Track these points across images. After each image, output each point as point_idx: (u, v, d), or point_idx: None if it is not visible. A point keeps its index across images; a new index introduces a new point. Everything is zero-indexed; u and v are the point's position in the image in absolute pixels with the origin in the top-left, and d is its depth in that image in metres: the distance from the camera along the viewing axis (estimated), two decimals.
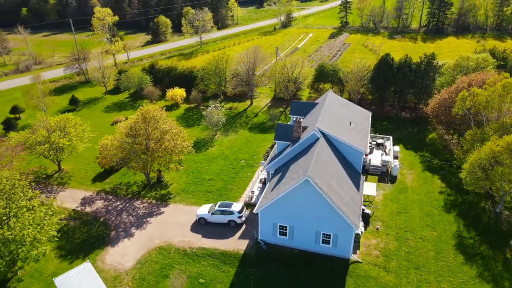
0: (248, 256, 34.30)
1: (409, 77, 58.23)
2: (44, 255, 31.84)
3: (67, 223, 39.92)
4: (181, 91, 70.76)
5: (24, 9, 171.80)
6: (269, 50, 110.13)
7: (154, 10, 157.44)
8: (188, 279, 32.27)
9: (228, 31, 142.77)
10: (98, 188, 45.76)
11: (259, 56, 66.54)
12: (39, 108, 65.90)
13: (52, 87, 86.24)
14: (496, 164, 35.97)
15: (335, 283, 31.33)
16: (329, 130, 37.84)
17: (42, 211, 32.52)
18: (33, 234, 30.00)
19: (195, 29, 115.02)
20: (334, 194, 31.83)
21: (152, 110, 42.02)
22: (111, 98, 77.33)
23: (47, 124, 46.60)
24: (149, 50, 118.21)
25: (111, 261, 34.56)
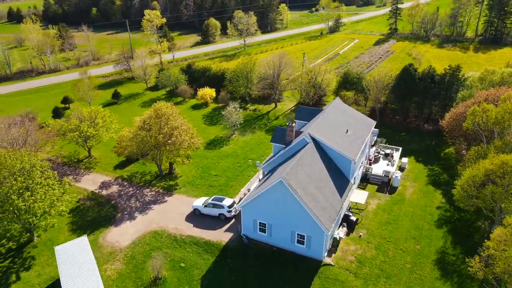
0: (229, 248, 36.89)
1: (432, 88, 56.95)
2: (52, 227, 37.05)
3: (84, 202, 45.33)
4: (210, 91, 74.90)
5: (94, 9, 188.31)
6: (310, 55, 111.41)
7: (207, 12, 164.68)
8: (170, 262, 35.62)
9: (275, 35, 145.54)
10: (117, 175, 50.92)
11: (285, 61, 68.37)
12: (84, 100, 73.73)
13: (103, 81, 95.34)
14: (490, 182, 35.08)
15: (303, 282, 32.85)
16: (321, 136, 39.19)
17: (56, 189, 37.65)
18: (43, 207, 35.09)
19: (239, 32, 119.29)
20: (309, 197, 33.35)
21: (164, 107, 46.11)
22: (150, 94, 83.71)
23: (80, 114, 52.76)
24: (195, 51, 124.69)
25: (111, 239, 38.98)
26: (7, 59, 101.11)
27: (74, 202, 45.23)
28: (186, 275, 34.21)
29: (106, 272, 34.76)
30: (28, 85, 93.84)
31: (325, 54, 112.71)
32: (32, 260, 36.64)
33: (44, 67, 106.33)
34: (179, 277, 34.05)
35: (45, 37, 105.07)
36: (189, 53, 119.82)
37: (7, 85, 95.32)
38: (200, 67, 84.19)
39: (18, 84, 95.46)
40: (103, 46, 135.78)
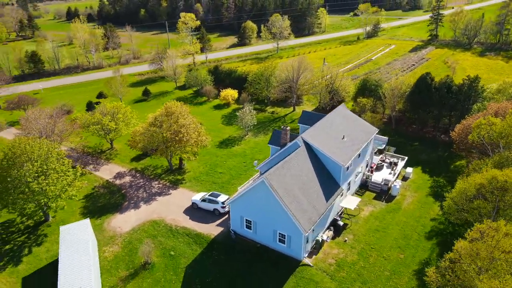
0: (217, 241, 39.08)
1: (447, 99, 55.68)
2: (62, 209, 41.25)
3: (98, 190, 49.55)
4: (233, 92, 77.59)
5: (142, 10, 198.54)
6: (341, 60, 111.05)
7: (247, 15, 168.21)
8: (162, 250, 38.42)
9: (311, 39, 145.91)
10: (132, 167, 54.88)
11: (303, 66, 69.38)
12: (116, 96, 79.28)
13: (139, 79, 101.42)
14: (481, 197, 34.48)
15: (279, 278, 34.24)
16: (314, 140, 40.26)
17: (69, 176, 41.81)
18: (55, 190, 39.24)
19: (272, 35, 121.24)
20: (291, 198, 34.70)
21: (174, 106, 49.22)
22: (178, 93, 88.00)
23: (104, 109, 57.39)
24: (229, 52, 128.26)
25: (114, 224, 42.58)
26: (56, 55, 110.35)
27: (89, 189, 49.78)
28: (174, 263, 36.81)
29: (104, 254, 38.26)
30: (72, 80, 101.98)
31: (356, 59, 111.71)
32: (44, 237, 41.02)
33: (89, 64, 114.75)
34: (167, 264, 36.73)
35: (91, 36, 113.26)
36: (223, 55, 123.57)
37: (54, 79, 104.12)
38: (226, 69, 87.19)
39: (64, 79, 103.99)
40: (145, 45, 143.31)
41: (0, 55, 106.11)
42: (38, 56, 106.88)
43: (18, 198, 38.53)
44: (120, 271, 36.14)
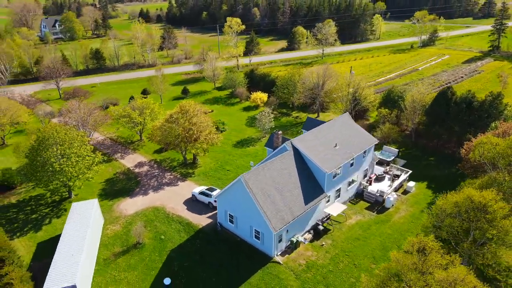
0: (203, 231, 42.50)
1: (466, 115, 53.59)
2: (79, 188, 47.43)
3: (118, 175, 55.51)
4: (262, 95, 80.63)
5: (204, 13, 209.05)
6: (385, 69, 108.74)
7: (301, 20, 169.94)
8: (155, 233, 42.72)
9: (361, 46, 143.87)
10: (152, 158, 60.34)
11: (328, 73, 70.24)
12: (156, 93, 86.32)
13: (184, 78, 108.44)
14: (458, 216, 34.00)
15: (248, 271, 36.67)
16: (302, 146, 41.98)
17: (89, 160, 47.89)
18: (73, 171, 45.36)
19: (318, 41, 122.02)
20: (266, 197, 37.00)
21: (188, 105, 53.54)
22: (215, 93, 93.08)
23: (135, 104, 63.70)
24: (275, 56, 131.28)
25: (122, 207, 47.88)
26: (116, 53, 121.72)
27: (111, 174, 55.97)
28: (161, 246, 40.88)
29: (107, 231, 43.51)
30: (126, 76, 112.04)
31: (401, 69, 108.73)
32: (64, 211, 47.41)
33: (144, 62, 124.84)
34: (155, 246, 40.90)
35: (148, 36, 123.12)
36: (268, 59, 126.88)
37: (112, 74, 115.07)
38: (261, 72, 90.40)
39: (120, 75, 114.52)
40: (200, 46, 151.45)
41: (70, 51, 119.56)
42: (101, 53, 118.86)
43: (44, 176, 45.20)
44: (116, 247, 41.03)
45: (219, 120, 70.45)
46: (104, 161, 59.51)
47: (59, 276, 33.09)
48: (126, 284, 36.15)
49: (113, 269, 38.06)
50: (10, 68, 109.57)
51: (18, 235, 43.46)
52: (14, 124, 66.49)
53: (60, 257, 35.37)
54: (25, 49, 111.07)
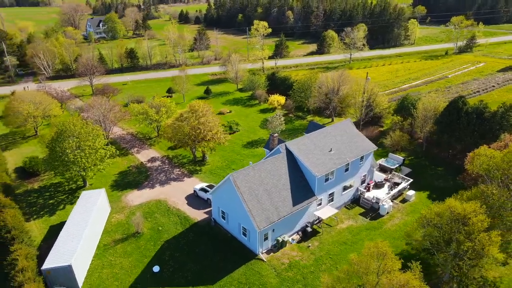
0: (197, 225, 44.75)
1: (476, 126, 52.23)
2: (91, 178, 51.22)
3: (131, 169, 59.11)
4: (279, 98, 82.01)
5: (240, 15, 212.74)
6: (412, 75, 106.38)
7: (334, 24, 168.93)
8: (154, 224, 45.49)
9: (392, 51, 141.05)
10: (165, 154, 63.53)
11: (343, 79, 70.38)
12: (180, 92, 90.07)
13: (210, 78, 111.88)
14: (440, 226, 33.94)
15: (232, 265, 38.40)
16: (296, 149, 43.10)
17: (102, 153, 51.63)
18: (85, 162, 49.17)
19: (346, 45, 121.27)
20: (253, 196, 38.58)
21: (197, 105, 56.09)
22: (236, 94, 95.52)
23: (153, 102, 67.30)
24: (302, 60, 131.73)
25: (129, 198, 51.19)
26: (149, 53, 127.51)
27: (125, 167, 59.70)
28: (157, 236, 43.54)
29: (112, 219, 46.85)
30: (156, 75, 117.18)
31: (430, 75, 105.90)
32: (77, 198, 51.20)
33: (175, 62, 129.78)
34: (152, 236, 43.63)
35: (179, 37, 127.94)
36: (295, 62, 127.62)
37: (144, 73, 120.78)
38: (281, 75, 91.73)
39: (151, 74, 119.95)
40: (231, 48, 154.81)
41: (107, 50, 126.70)
42: (135, 52, 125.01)
43: (60, 165, 49.38)
44: (117, 234, 44.20)
45: (233, 121, 72.69)
46: (122, 154, 63.84)
47: (58, 256, 36.49)
48: (120, 269, 39.03)
49: (111, 254, 41.14)
50: (53, 65, 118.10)
51: (34, 218, 47.80)
52: (46, 116, 72.21)
53: (62, 239, 38.87)
54: (67, 47, 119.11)
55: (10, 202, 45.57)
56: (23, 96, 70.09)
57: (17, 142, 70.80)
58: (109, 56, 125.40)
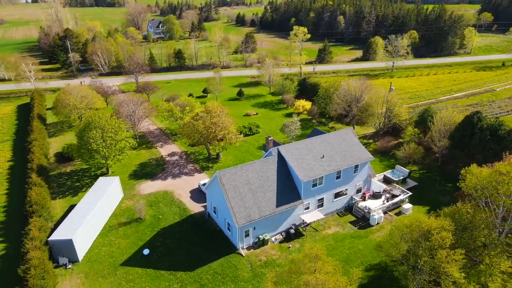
0: (193, 217, 48.25)
1: (490, 143, 50.01)
2: (110, 167, 56.99)
3: (151, 161, 64.36)
4: (305, 103, 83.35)
5: (292, 19, 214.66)
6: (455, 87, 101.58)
7: (385, 30, 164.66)
8: (155, 213, 49.81)
9: (442, 60, 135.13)
10: (185, 150, 68.09)
11: (364, 87, 70.01)
12: (213, 93, 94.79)
13: (248, 81, 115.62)
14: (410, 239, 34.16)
15: (213, 256, 41.31)
16: (288, 153, 44.88)
17: (122, 145, 57.19)
18: (106, 152, 54.91)
19: (389, 53, 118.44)
20: (236, 194, 41.18)
21: (211, 106, 59.70)
22: (268, 98, 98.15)
23: (179, 101, 72.31)
24: (343, 66, 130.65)
25: (142, 187, 56.18)
26: (196, 54, 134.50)
27: (147, 159, 65.11)
28: (156, 224, 47.72)
29: (122, 204, 51.97)
30: (198, 76, 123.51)
31: (475, 88, 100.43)
32: None
33: (219, 63, 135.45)
34: (151, 223, 47.92)
35: (224, 40, 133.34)
36: (336, 68, 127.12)
37: (188, 73, 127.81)
38: (312, 81, 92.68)
39: (194, 74, 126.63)
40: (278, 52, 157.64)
41: (158, 50, 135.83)
42: (183, 53, 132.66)
43: (85, 152, 55.68)
44: (122, 218, 49.15)
45: (253, 123, 75.55)
46: (147, 147, 69.62)
47: (63, 231, 41.91)
48: (117, 248, 43.68)
49: (113, 235, 46.05)
50: (109, 62, 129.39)
51: (60, 197, 54.42)
52: (89, 108, 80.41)
53: (70, 217, 44.43)
54: (122, 47, 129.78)
55: (40, 181, 52.64)
56: (70, 90, 78.73)
57: (63, 130, 79.75)
58: (159, 56, 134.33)
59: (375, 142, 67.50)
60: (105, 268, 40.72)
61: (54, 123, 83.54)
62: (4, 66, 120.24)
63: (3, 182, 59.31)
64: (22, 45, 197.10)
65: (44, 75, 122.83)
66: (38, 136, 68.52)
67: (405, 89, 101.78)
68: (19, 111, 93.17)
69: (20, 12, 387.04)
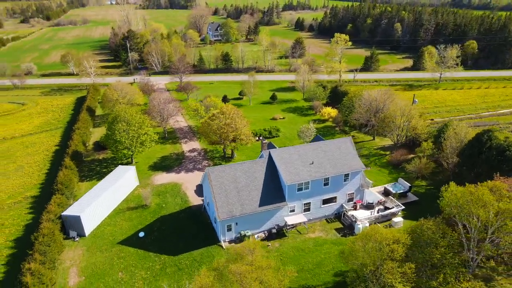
0: (191, 209, 52.51)
1: (497, 163, 47.82)
2: (135, 157, 63.48)
3: (172, 155, 69.95)
4: (331, 110, 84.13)
5: (349, 25, 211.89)
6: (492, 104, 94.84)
7: (443, 38, 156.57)
8: (161, 201, 54.83)
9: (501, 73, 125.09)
10: (205, 147, 72.76)
11: (384, 99, 69.17)
12: (247, 95, 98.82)
13: (288, 85, 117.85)
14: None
15: (198, 244, 45.09)
16: (278, 157, 47.17)
17: (143, 139, 63.29)
18: (128, 144, 61.29)
19: (437, 64, 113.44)
20: (222, 190, 44.51)
21: (226, 108, 63.54)
22: (300, 103, 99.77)
23: (206, 102, 77.33)
24: (386, 75, 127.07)
25: (156, 178, 61.73)
26: (242, 57, 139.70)
27: (168, 153, 70.89)
28: (159, 211, 52.69)
29: (135, 192, 57.81)
30: (240, 78, 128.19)
31: None
32: None
33: (264, 67, 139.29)
34: (155, 210, 52.99)
35: (270, 44, 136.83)
36: (378, 77, 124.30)
37: (232, 75, 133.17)
38: (343, 89, 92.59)
39: (239, 76, 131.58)
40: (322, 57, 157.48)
41: (207, 52, 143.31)
42: (230, 56, 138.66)
43: (111, 143, 62.61)
44: (132, 203, 54.87)
45: (274, 127, 78.13)
46: (172, 142, 75.59)
47: (75, 208, 48.38)
48: (119, 229, 49.29)
49: (119, 217, 51.84)
50: (162, 62, 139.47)
51: (87, 180, 61.84)
52: (131, 104, 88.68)
53: (84, 197, 50.97)
54: (175, 48, 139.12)
55: (71, 165, 60.43)
56: (115, 87, 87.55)
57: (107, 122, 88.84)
58: (208, 57, 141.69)
59: (392, 154, 66.59)
60: (104, 244, 46.40)
61: (101, 115, 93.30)
62: (74, 62, 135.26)
63: (46, 164, 68.60)
64: (97, 43, 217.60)
65: (103, 72, 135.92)
66: (82, 125, 77.58)
67: (446, 102, 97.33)
68: (77, 102, 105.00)
69: (104, 12, 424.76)
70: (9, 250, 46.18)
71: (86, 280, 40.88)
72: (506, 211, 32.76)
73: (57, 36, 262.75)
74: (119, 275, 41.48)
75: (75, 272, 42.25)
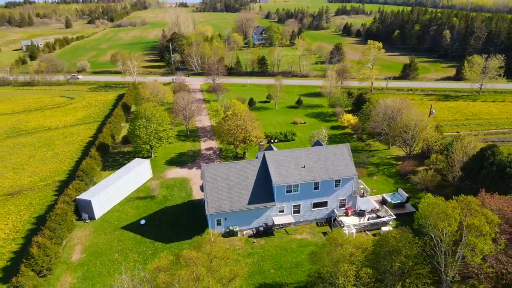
0: (192, 202, 56.13)
1: (497, 180, 46.24)
2: (155, 152, 68.58)
3: (189, 152, 74.26)
4: (351, 118, 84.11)
5: (396, 32, 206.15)
6: None
7: (495, 47, 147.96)
8: (168, 193, 59.00)
9: None
10: (221, 146, 76.24)
11: (401, 107, 68.20)
12: (273, 98, 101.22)
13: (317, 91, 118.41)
14: None
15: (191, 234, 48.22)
16: (271, 158, 49.23)
17: (160, 135, 68.11)
18: (147, 139, 66.35)
19: (477, 74, 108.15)
20: (214, 186, 47.52)
21: (238, 110, 66.50)
22: (325, 109, 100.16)
23: (227, 104, 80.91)
24: (421, 84, 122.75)
25: (169, 172, 66.17)
26: (278, 61, 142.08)
27: (186, 150, 75.31)
28: (164, 202, 56.88)
29: (148, 183, 62.53)
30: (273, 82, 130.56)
31: None
32: None
33: (299, 71, 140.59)
34: (161, 200, 57.27)
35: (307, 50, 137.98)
36: (412, 85, 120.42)
37: (266, 79, 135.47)
38: (366, 97, 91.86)
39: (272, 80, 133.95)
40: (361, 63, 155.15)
41: (245, 55, 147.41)
42: (265, 60, 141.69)
43: (132, 137, 68.10)
44: (142, 194, 59.65)
45: (291, 131, 79.82)
46: (193, 140, 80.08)
47: (88, 193, 53.87)
48: (125, 215, 54.07)
49: (127, 205, 56.72)
50: (201, 64, 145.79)
51: (109, 169, 67.77)
52: (160, 102, 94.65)
53: (99, 184, 56.43)
54: (215, 51, 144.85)
55: (95, 154, 66.70)
56: (148, 85, 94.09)
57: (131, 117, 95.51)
58: (245, 61, 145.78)
59: (402, 164, 65.68)
60: (109, 228, 51.32)
61: (135, 111, 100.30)
62: (121, 61, 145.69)
63: (78, 153, 75.91)
64: (150, 44, 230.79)
65: (146, 71, 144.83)
66: (114, 120, 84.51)
67: (480, 114, 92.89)
68: (117, 99, 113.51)
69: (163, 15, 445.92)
70: (31, 226, 52.57)
71: (86, 258, 45.76)
72: (469, 227, 32.40)
73: (116, 36, 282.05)
74: (115, 255, 45.93)
75: (79, 249, 47.38)
